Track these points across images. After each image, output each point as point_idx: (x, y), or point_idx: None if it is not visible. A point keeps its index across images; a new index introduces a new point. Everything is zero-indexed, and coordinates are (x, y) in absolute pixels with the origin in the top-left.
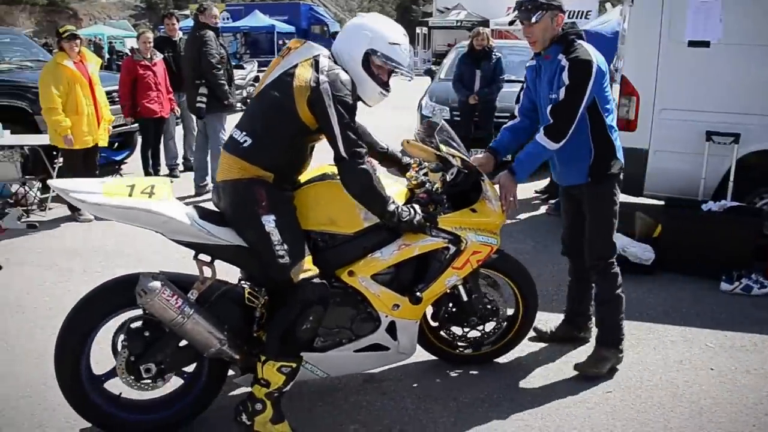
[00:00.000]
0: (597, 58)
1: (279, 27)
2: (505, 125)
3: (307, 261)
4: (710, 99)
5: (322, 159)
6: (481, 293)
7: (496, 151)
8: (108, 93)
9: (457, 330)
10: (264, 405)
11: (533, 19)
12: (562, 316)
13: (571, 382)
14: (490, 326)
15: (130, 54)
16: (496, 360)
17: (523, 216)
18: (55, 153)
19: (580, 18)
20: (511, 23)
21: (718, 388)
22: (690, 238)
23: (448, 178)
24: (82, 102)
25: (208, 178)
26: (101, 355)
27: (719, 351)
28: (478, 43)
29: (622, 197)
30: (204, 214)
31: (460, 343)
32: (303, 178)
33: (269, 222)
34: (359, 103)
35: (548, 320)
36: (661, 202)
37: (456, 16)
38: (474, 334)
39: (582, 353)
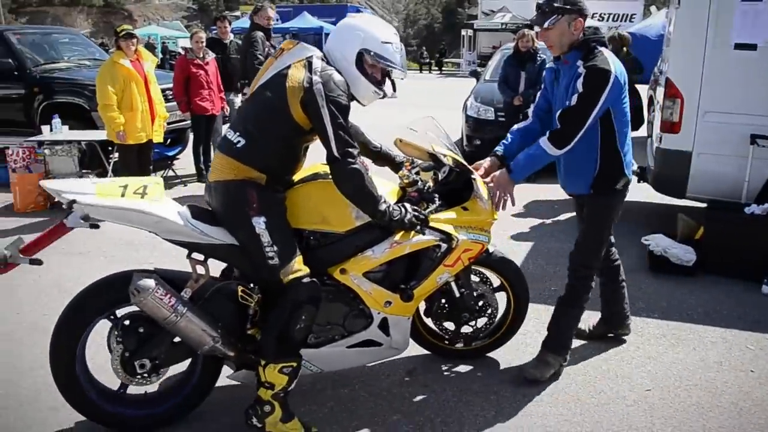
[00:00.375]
0: (616, 68)
1: (326, 28)
2: (515, 126)
3: (298, 261)
4: (755, 102)
5: (315, 159)
6: (473, 290)
7: (504, 157)
8: (162, 91)
9: (449, 325)
10: (272, 406)
11: (546, 24)
12: (598, 314)
13: (611, 380)
14: (481, 322)
15: (183, 53)
16: None
17: (565, 216)
18: (110, 148)
19: (625, 21)
20: (531, 27)
21: (758, 390)
22: (732, 241)
23: (440, 176)
24: (136, 99)
25: None
26: (97, 351)
27: (759, 353)
28: (523, 45)
29: (666, 199)
30: (197, 213)
31: (452, 339)
32: (295, 177)
33: (259, 224)
34: (394, 103)
35: (588, 318)
36: (704, 205)
37: (501, 19)
38: (466, 329)
39: (621, 353)
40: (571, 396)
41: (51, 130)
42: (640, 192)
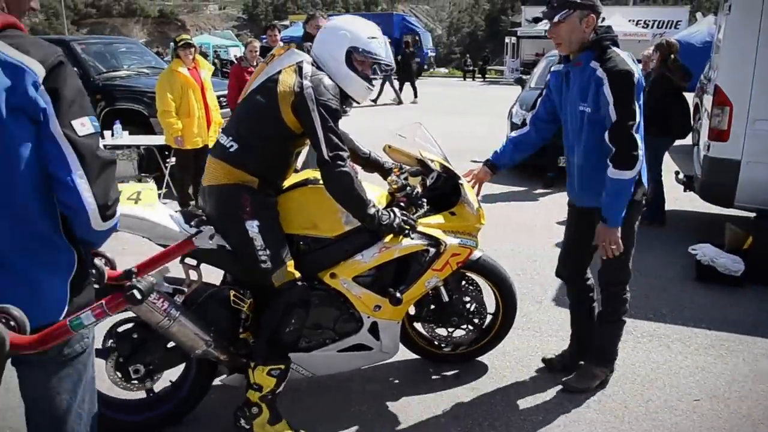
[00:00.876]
0: (635, 67)
1: None
2: (511, 135)
3: (289, 265)
4: None
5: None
6: (462, 294)
7: (494, 165)
8: (217, 98)
9: (439, 330)
10: (260, 408)
11: (556, 18)
12: (645, 324)
13: (659, 389)
14: (469, 327)
15: (237, 62)
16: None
17: None
18: (167, 153)
19: (670, 27)
20: (537, 20)
21: None
22: None
23: (428, 182)
24: (193, 106)
25: None
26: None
27: None
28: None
29: (713, 208)
30: (189, 218)
31: (440, 343)
32: (286, 183)
33: (252, 227)
34: (440, 111)
35: (636, 327)
36: (752, 214)
37: (544, 26)
38: (457, 333)
39: (669, 362)
40: (618, 403)
41: (112, 135)
42: (686, 201)
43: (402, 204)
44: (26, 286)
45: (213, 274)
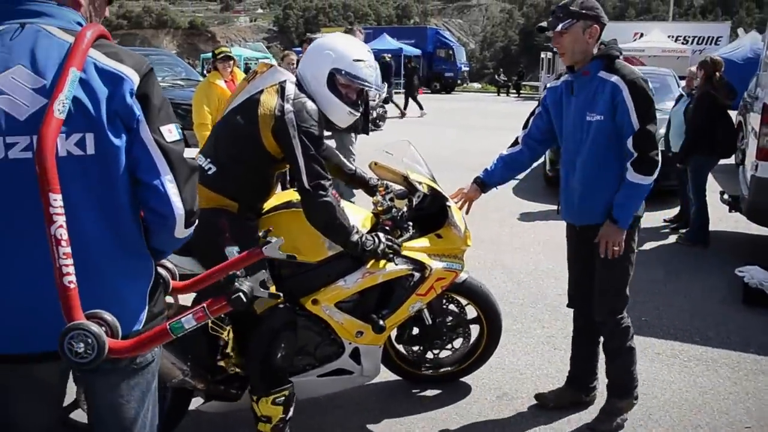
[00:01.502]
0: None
1: (406, 50)
2: (503, 152)
3: (271, 290)
4: None
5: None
6: (445, 316)
7: (484, 184)
8: None
9: (420, 351)
10: None
11: (560, 27)
12: (692, 347)
13: (707, 414)
14: (452, 348)
15: None
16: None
17: (653, 244)
18: None
19: (710, 44)
20: (542, 30)
21: None
22: None
23: (415, 202)
24: None
25: None
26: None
27: None
28: None
29: (761, 229)
30: None
31: (422, 364)
32: (268, 204)
33: (232, 253)
34: (474, 127)
35: (682, 350)
36: None
37: None
38: (442, 354)
39: (717, 387)
40: (665, 428)
41: None
42: (731, 222)
43: (387, 228)
44: (110, 294)
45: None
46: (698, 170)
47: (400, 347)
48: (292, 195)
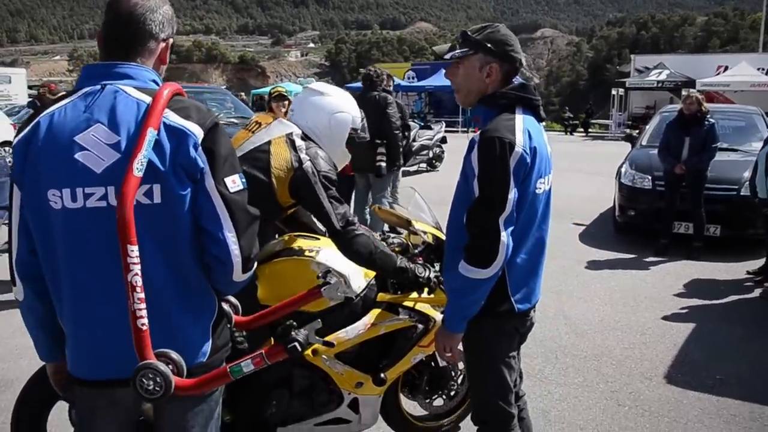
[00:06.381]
0: (520, 139)
1: None
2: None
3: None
4: None
5: None
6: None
7: None
8: None
9: (436, 401)
10: None
11: (448, 55)
12: None
13: None
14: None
15: None
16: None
17: (733, 298)
18: None
19: None
20: (436, 56)
21: None
22: None
23: (416, 251)
24: None
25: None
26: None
27: None
28: (687, 108)
29: None
30: None
31: (429, 414)
32: (269, 251)
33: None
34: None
35: (763, 414)
36: None
37: (656, 77)
38: (439, 403)
39: None
40: None
41: None
42: None
43: (420, 263)
44: (176, 330)
45: None
46: None
47: (405, 400)
48: (296, 242)
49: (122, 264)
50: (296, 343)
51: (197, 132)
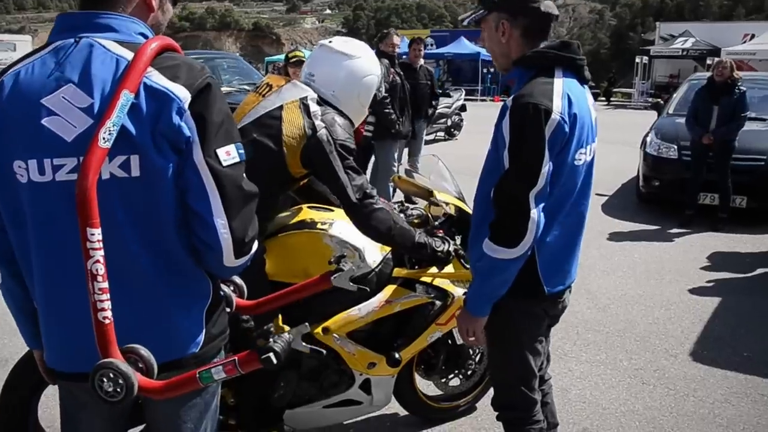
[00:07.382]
0: (558, 105)
1: (484, 54)
2: None
3: (276, 321)
4: None
5: None
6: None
7: None
8: None
9: (447, 378)
10: None
11: (467, 20)
12: None
13: None
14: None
15: None
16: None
17: (762, 270)
18: None
19: None
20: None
21: None
22: None
23: (437, 223)
24: None
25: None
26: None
27: None
28: (719, 73)
29: None
30: None
31: (444, 394)
32: (279, 223)
33: None
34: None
35: None
36: None
37: (681, 44)
38: (471, 379)
39: None
40: None
41: None
42: None
43: (439, 236)
44: (165, 317)
45: None
46: None
47: (420, 379)
48: (306, 214)
49: (82, 250)
50: (272, 354)
51: (183, 95)
